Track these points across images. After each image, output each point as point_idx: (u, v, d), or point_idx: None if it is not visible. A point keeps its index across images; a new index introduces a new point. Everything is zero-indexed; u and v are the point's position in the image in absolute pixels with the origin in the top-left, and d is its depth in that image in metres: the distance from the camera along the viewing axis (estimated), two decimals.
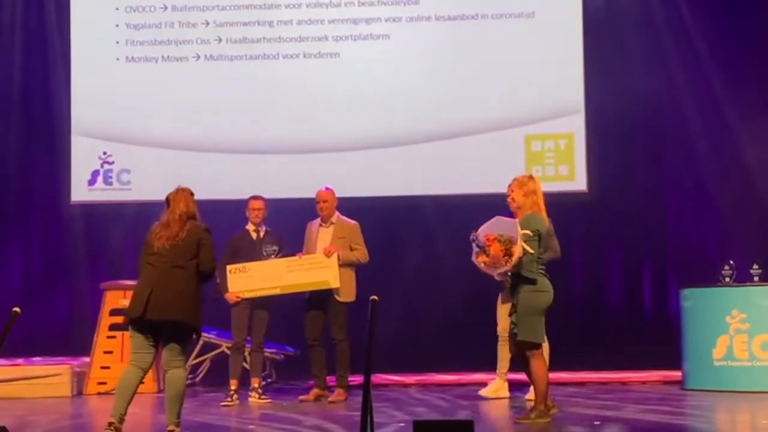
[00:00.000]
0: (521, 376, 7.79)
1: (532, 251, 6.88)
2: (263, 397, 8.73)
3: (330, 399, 8.56)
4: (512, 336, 7.11)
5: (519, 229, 6.89)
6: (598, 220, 10.90)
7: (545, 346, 7.72)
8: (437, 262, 10.70)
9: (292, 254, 8.67)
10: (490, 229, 7.01)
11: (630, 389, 9.24)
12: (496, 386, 8.54)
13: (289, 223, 9.09)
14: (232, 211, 9.37)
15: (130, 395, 6.34)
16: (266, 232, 8.85)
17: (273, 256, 8.68)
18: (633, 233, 10.89)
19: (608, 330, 10.69)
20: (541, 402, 6.99)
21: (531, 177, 7.27)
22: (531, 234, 6.90)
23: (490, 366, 8.67)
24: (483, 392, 8.60)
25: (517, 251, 6.83)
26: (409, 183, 10.79)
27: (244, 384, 8.79)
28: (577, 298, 10.92)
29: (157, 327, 6.36)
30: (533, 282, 6.93)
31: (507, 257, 6.86)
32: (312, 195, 8.85)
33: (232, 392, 8.53)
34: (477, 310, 9.83)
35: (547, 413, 7.00)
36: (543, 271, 7.03)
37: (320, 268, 8.50)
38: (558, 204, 10.44)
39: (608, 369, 10.14)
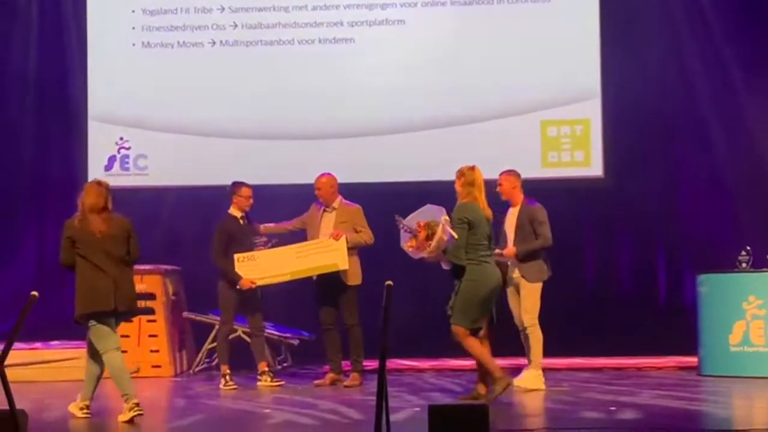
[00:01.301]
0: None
1: (456, 236, 7.06)
2: (276, 379, 8.76)
3: (345, 383, 8.58)
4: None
5: (444, 215, 7.11)
6: (614, 206, 10.85)
7: (484, 333, 7.58)
8: None
9: (284, 244, 8.72)
10: (421, 216, 7.30)
11: (646, 375, 9.22)
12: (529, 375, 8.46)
13: (300, 208, 9.09)
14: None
15: (128, 374, 6.87)
16: (248, 220, 8.90)
17: (263, 247, 8.73)
18: (649, 218, 10.84)
19: (623, 315, 10.64)
20: (493, 371, 7.16)
21: (472, 168, 7.46)
22: (454, 220, 7.14)
23: (503, 351, 8.61)
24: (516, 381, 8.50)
25: (437, 236, 7.03)
26: (424, 168, 10.72)
27: (252, 368, 8.88)
28: (593, 283, 10.89)
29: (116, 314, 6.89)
30: (465, 270, 7.14)
31: (430, 242, 7.11)
32: None
33: (227, 376, 8.60)
34: None
35: (505, 378, 7.18)
36: (485, 259, 7.21)
37: (329, 251, 8.53)
38: (574, 189, 10.47)
39: (624, 355, 10.10)
